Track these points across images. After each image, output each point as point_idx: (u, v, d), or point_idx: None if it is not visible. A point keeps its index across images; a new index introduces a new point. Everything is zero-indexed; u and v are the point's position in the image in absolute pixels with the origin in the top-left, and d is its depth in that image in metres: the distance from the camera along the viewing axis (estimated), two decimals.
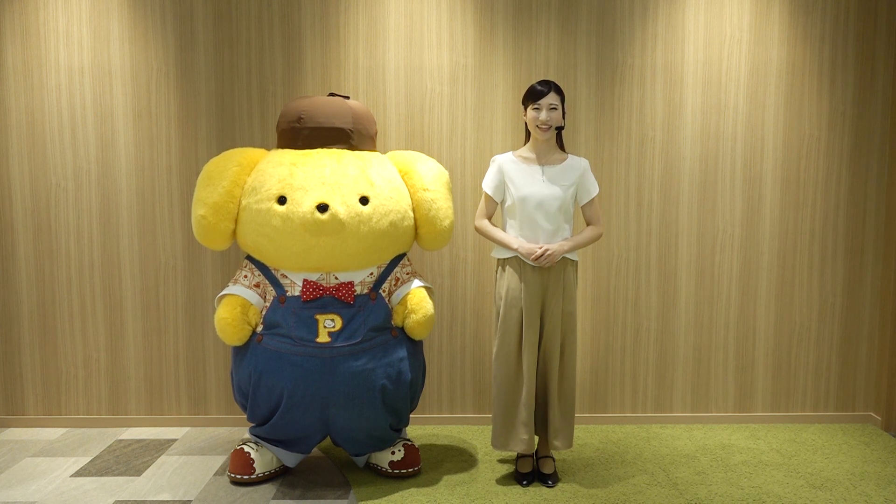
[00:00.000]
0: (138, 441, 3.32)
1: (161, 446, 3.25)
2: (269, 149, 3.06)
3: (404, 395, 2.80)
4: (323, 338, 2.63)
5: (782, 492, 2.78)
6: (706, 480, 2.89)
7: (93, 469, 3.00)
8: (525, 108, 2.79)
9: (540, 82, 2.75)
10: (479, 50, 3.40)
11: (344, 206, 2.60)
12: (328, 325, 2.64)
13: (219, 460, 3.09)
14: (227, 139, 3.41)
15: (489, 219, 2.88)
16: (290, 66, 3.40)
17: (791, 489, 2.81)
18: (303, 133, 2.77)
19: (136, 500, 2.70)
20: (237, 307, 2.70)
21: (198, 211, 2.70)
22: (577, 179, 2.81)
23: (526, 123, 2.82)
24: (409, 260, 2.95)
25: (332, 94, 2.92)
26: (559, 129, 2.82)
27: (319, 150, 2.75)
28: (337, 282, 2.70)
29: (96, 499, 2.72)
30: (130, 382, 3.51)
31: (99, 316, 3.47)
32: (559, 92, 2.75)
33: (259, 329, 2.72)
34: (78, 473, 2.95)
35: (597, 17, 3.40)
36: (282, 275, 2.72)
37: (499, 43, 3.40)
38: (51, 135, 3.40)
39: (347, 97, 2.93)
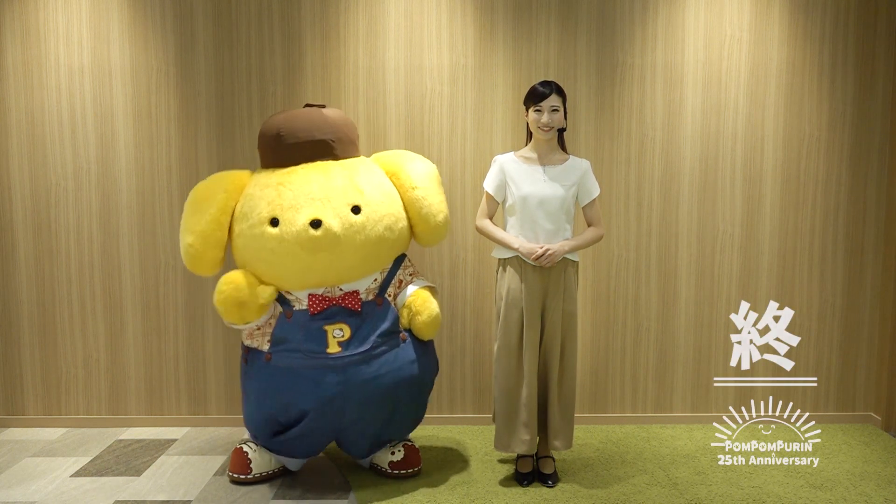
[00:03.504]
0: (138, 441, 3.32)
1: (161, 446, 3.25)
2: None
3: (419, 395, 2.81)
4: (333, 348, 2.62)
5: (782, 492, 2.78)
6: (706, 480, 2.89)
7: (93, 469, 3.00)
8: (527, 109, 2.79)
9: (542, 83, 2.75)
10: (479, 50, 3.40)
11: (337, 218, 2.59)
12: (337, 334, 2.63)
13: (219, 460, 3.09)
14: (227, 139, 3.41)
15: (490, 219, 2.88)
16: (290, 66, 3.40)
17: (791, 489, 2.81)
18: (284, 150, 2.73)
19: (136, 500, 2.70)
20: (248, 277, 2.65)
21: (185, 239, 2.68)
22: (578, 180, 2.81)
23: (527, 124, 2.82)
24: (409, 261, 2.95)
25: (307, 105, 2.88)
26: (561, 129, 2.82)
27: (305, 166, 2.71)
28: (342, 293, 2.70)
29: (96, 499, 2.72)
30: (130, 382, 3.51)
31: (99, 316, 3.47)
32: (561, 93, 2.74)
33: (266, 348, 2.70)
34: (78, 473, 2.96)
35: (597, 17, 3.40)
36: (286, 291, 2.71)
37: (499, 43, 3.40)
38: (51, 135, 3.40)
39: (324, 106, 2.89)
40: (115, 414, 3.52)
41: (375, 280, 2.77)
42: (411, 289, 2.83)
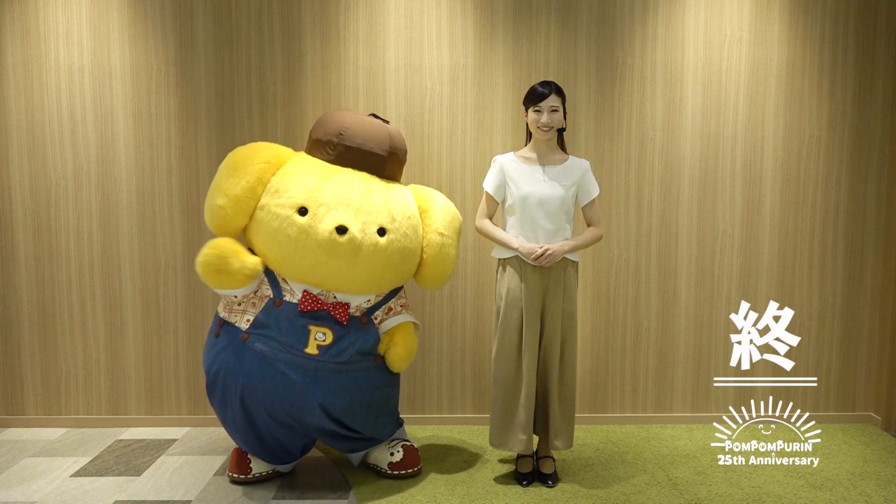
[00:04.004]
0: (138, 441, 3.32)
1: (161, 446, 3.25)
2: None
3: (378, 419, 2.82)
4: (312, 349, 2.60)
5: (782, 492, 2.79)
6: (706, 480, 2.89)
7: (93, 469, 3.00)
8: (526, 110, 2.79)
9: (541, 83, 2.75)
10: (479, 50, 3.40)
11: (362, 232, 2.59)
12: (319, 337, 2.62)
13: (219, 460, 3.09)
14: (227, 139, 3.41)
15: (490, 219, 2.88)
16: (290, 66, 3.40)
17: (791, 489, 2.81)
18: (339, 149, 2.74)
19: (136, 500, 2.70)
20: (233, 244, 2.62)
21: (217, 200, 2.63)
22: (577, 180, 2.81)
23: (527, 124, 2.82)
24: (404, 292, 2.96)
25: (372, 115, 2.90)
26: (560, 130, 2.82)
27: (352, 171, 2.72)
28: (335, 300, 2.69)
29: (96, 499, 2.72)
30: (130, 382, 3.51)
31: (99, 316, 3.47)
32: (560, 93, 2.75)
33: (245, 327, 2.66)
34: (78, 473, 2.95)
35: (597, 17, 3.40)
36: (283, 279, 2.71)
37: (499, 43, 3.40)
38: (51, 135, 3.40)
39: (388, 122, 2.91)
40: (115, 414, 3.52)
41: (369, 301, 2.77)
42: (397, 319, 2.84)
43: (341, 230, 2.55)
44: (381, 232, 2.65)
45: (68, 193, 3.42)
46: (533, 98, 2.75)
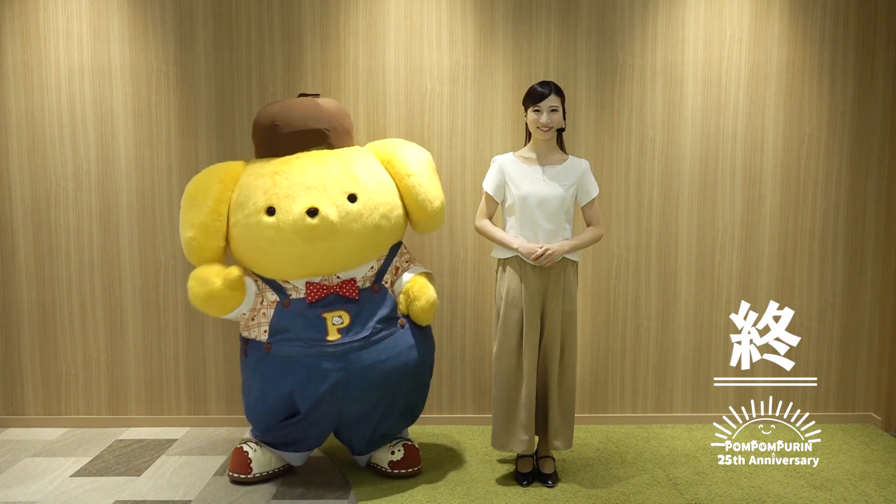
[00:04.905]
0: (138, 441, 3.32)
1: (161, 446, 3.25)
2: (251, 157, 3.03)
3: (420, 381, 2.82)
4: (333, 335, 2.62)
5: (782, 492, 2.78)
6: (706, 480, 2.89)
7: (93, 469, 3.00)
8: (525, 110, 2.79)
9: (540, 84, 2.75)
10: (479, 50, 3.40)
11: (333, 207, 2.59)
12: (336, 321, 2.63)
13: (219, 460, 3.09)
14: (227, 139, 3.41)
15: (490, 219, 2.88)
16: (290, 66, 3.40)
17: (791, 489, 2.81)
18: (280, 139, 2.75)
19: (136, 500, 2.70)
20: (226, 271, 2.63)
21: (186, 233, 2.68)
22: (577, 179, 2.81)
23: (526, 124, 2.82)
24: (405, 248, 2.95)
25: (302, 95, 2.90)
26: (560, 130, 2.83)
27: (300, 155, 2.72)
28: (339, 280, 2.70)
29: (96, 499, 2.72)
30: (130, 382, 3.51)
31: (99, 316, 3.47)
32: (560, 93, 2.75)
33: (265, 338, 2.69)
34: (78, 473, 2.96)
35: (597, 17, 3.40)
36: (283, 280, 2.71)
37: (499, 43, 3.40)
38: (51, 135, 3.40)
39: (318, 95, 2.90)
40: (115, 414, 3.52)
41: (372, 268, 2.77)
42: (408, 275, 2.84)
43: (312, 212, 2.56)
44: (352, 198, 2.65)
45: (68, 193, 3.42)
46: (532, 98, 2.75)
